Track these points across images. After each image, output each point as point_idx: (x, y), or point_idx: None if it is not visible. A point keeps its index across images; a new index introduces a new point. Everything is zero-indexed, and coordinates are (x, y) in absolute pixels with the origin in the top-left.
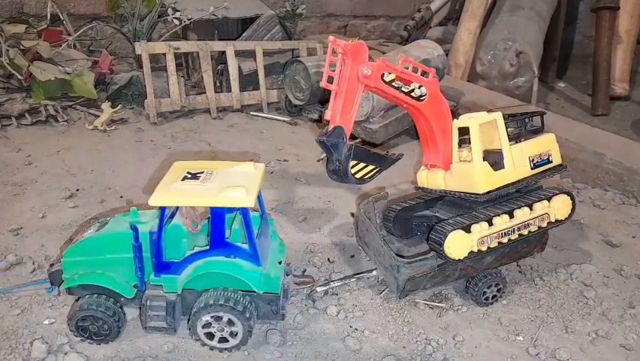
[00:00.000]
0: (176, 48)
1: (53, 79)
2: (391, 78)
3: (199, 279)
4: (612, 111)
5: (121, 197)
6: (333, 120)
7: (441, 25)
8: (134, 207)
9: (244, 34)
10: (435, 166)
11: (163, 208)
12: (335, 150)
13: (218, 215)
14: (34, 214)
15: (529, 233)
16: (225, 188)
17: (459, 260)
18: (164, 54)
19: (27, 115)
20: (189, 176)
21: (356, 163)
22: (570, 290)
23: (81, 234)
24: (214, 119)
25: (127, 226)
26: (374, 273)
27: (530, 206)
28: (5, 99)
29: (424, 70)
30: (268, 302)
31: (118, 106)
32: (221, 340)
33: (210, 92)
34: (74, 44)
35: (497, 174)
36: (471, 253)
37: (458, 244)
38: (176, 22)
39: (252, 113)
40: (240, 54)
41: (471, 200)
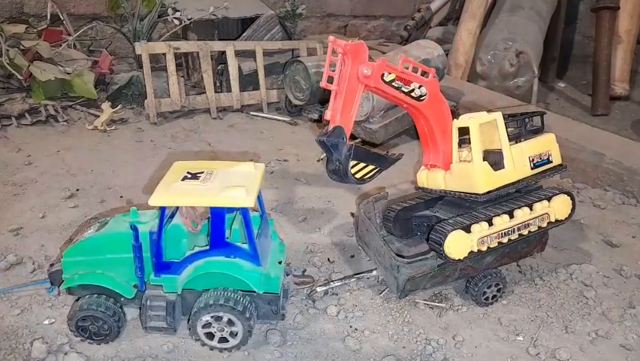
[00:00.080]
0: (176, 48)
1: (53, 79)
2: (391, 78)
3: (199, 279)
4: (612, 111)
5: (121, 197)
6: (333, 120)
7: (441, 25)
8: (134, 207)
9: (244, 34)
10: (435, 166)
11: (163, 208)
12: (335, 150)
13: (218, 215)
14: (34, 214)
15: (529, 233)
16: (225, 188)
17: (459, 260)
18: (164, 54)
19: (27, 115)
20: (189, 176)
21: (356, 163)
22: (570, 290)
23: (81, 234)
24: (214, 119)
25: (127, 226)
26: (374, 273)
27: (530, 206)
28: (5, 99)
29: (424, 70)
30: (268, 302)
31: (118, 106)
32: (221, 340)
33: (210, 92)
34: (74, 44)
35: (497, 174)
36: (471, 253)
37: (458, 244)
38: (176, 22)
39: (252, 113)
40: (240, 54)
41: (471, 200)
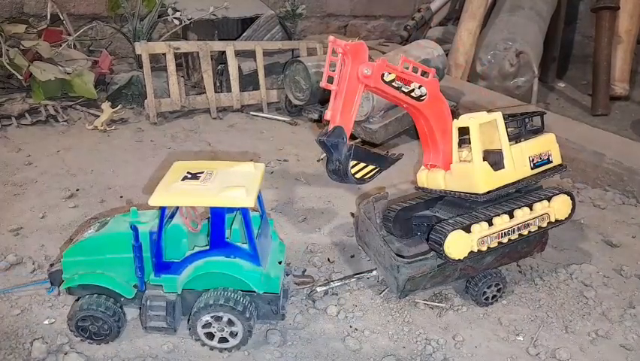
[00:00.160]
0: (176, 48)
1: (53, 79)
2: (391, 78)
3: (199, 279)
4: (612, 111)
5: (121, 197)
6: (333, 120)
7: (441, 25)
8: (134, 207)
9: (244, 34)
10: (435, 166)
11: (163, 208)
12: (335, 150)
13: (218, 215)
14: (34, 214)
15: (529, 233)
16: (225, 188)
17: (459, 260)
18: (164, 54)
19: (27, 115)
20: (189, 176)
21: (356, 163)
22: (570, 290)
23: (81, 234)
24: (214, 119)
25: (127, 226)
26: (374, 273)
27: (530, 206)
28: (5, 99)
29: (424, 70)
30: (268, 302)
31: (118, 106)
32: (221, 340)
33: (210, 92)
34: (74, 44)
35: (497, 174)
36: (471, 253)
37: (458, 244)
38: (176, 22)
39: (252, 113)
40: (240, 54)
41: (471, 200)
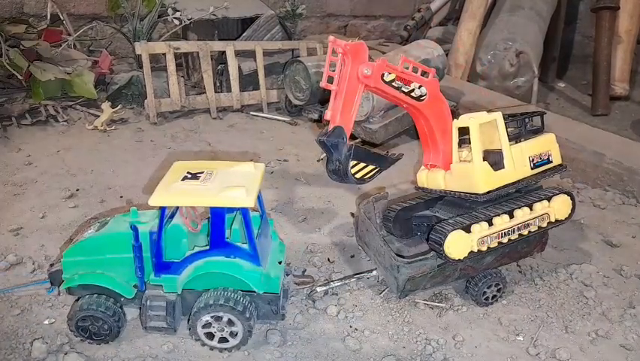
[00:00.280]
0: (176, 48)
1: (53, 79)
2: (391, 78)
3: (199, 279)
4: (612, 111)
5: (121, 197)
6: (333, 120)
7: (441, 25)
8: (134, 207)
9: (244, 34)
10: (435, 166)
11: (163, 208)
12: (335, 150)
13: (218, 215)
14: (34, 214)
15: (529, 233)
16: (225, 188)
17: (459, 260)
18: (164, 54)
19: (27, 115)
20: (189, 176)
21: (356, 163)
22: (570, 290)
23: (81, 234)
24: (214, 119)
25: (127, 226)
26: (374, 273)
27: (530, 206)
28: (5, 99)
29: (424, 70)
30: (268, 302)
31: (118, 106)
32: (221, 340)
33: (210, 92)
34: (74, 44)
35: (497, 174)
36: (471, 253)
37: (458, 244)
38: (176, 22)
39: (252, 113)
40: (240, 54)
41: (471, 200)
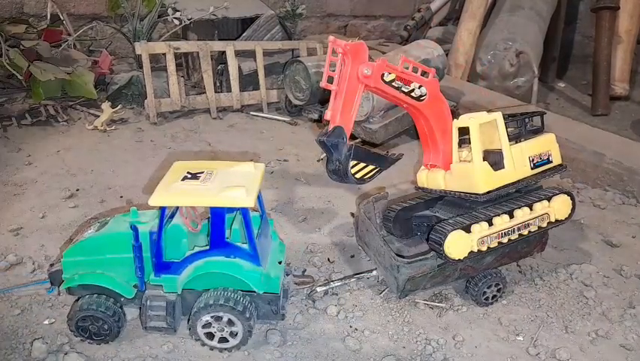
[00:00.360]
0: (176, 48)
1: (53, 79)
2: (391, 78)
3: (199, 279)
4: (612, 111)
5: (121, 197)
6: (333, 120)
7: (441, 25)
8: (134, 207)
9: (244, 34)
10: (435, 166)
11: (163, 208)
12: (335, 150)
13: (218, 215)
14: (34, 214)
15: (529, 233)
16: (225, 188)
17: (459, 260)
18: (164, 54)
19: (27, 115)
20: (189, 176)
21: (356, 163)
22: (570, 290)
23: (81, 234)
24: (214, 119)
25: (127, 226)
26: (374, 273)
27: (530, 206)
28: (5, 99)
29: (424, 70)
30: (268, 302)
31: (118, 106)
32: (221, 340)
33: (210, 92)
34: (74, 44)
35: (497, 174)
36: (471, 253)
37: (458, 244)
38: (176, 22)
39: (252, 113)
40: (240, 54)
41: (471, 200)
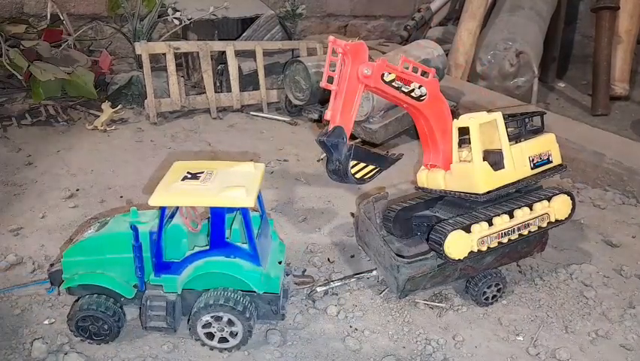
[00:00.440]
0: (176, 48)
1: (53, 79)
2: (391, 78)
3: (199, 279)
4: (612, 111)
5: (121, 197)
6: (333, 120)
7: (441, 25)
8: (134, 207)
9: (244, 34)
10: (435, 166)
11: (163, 208)
12: (335, 150)
13: (218, 215)
14: (34, 214)
15: (529, 233)
16: (225, 188)
17: (459, 260)
18: (164, 54)
19: (27, 115)
20: (189, 176)
21: (356, 163)
22: (570, 290)
23: (81, 234)
24: (214, 119)
25: (127, 226)
26: (374, 273)
27: (530, 206)
28: (5, 99)
29: (424, 70)
30: (268, 302)
31: (118, 106)
32: (221, 340)
33: (210, 92)
34: (74, 44)
35: (497, 174)
36: (471, 253)
37: (458, 244)
38: (176, 22)
39: (252, 113)
40: (240, 54)
41: (471, 200)
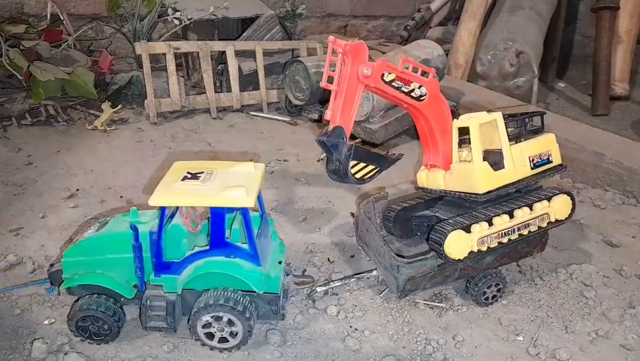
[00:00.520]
0: (176, 48)
1: (53, 79)
2: (391, 78)
3: (199, 279)
4: (612, 111)
5: (121, 197)
6: (333, 120)
7: (441, 25)
8: (134, 207)
9: (244, 34)
10: (435, 166)
11: (163, 208)
12: (335, 150)
13: (218, 215)
14: (34, 214)
15: (529, 233)
16: (225, 188)
17: (459, 260)
18: (164, 54)
19: (27, 115)
20: (189, 176)
21: (356, 163)
22: (570, 290)
23: (81, 234)
24: (214, 119)
25: (127, 226)
26: (374, 273)
27: (530, 206)
28: (5, 99)
29: (424, 70)
30: (268, 302)
31: (118, 106)
32: (221, 340)
33: (210, 92)
34: (74, 44)
35: (497, 174)
36: (471, 253)
37: (458, 244)
38: (176, 22)
39: (252, 113)
40: (240, 54)
41: (471, 200)
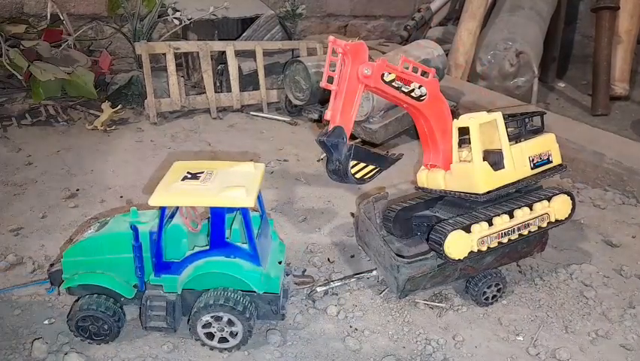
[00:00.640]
0: (176, 48)
1: (53, 79)
2: (391, 78)
3: (199, 279)
4: (612, 111)
5: (121, 197)
6: (333, 120)
7: (441, 25)
8: (134, 207)
9: (244, 34)
10: (435, 166)
11: (163, 208)
12: (335, 150)
13: (218, 215)
14: (34, 214)
15: (529, 233)
16: (225, 188)
17: (459, 260)
18: (164, 54)
19: (27, 115)
20: (189, 176)
21: (356, 163)
22: (570, 290)
23: (81, 234)
24: (214, 119)
25: (127, 226)
26: (374, 273)
27: (530, 206)
28: (5, 99)
29: (424, 70)
30: (268, 302)
31: (118, 106)
32: (221, 340)
33: (210, 92)
34: (74, 44)
35: (497, 174)
36: (471, 253)
37: (458, 244)
38: (176, 22)
39: (252, 113)
40: (240, 54)
41: (471, 200)
